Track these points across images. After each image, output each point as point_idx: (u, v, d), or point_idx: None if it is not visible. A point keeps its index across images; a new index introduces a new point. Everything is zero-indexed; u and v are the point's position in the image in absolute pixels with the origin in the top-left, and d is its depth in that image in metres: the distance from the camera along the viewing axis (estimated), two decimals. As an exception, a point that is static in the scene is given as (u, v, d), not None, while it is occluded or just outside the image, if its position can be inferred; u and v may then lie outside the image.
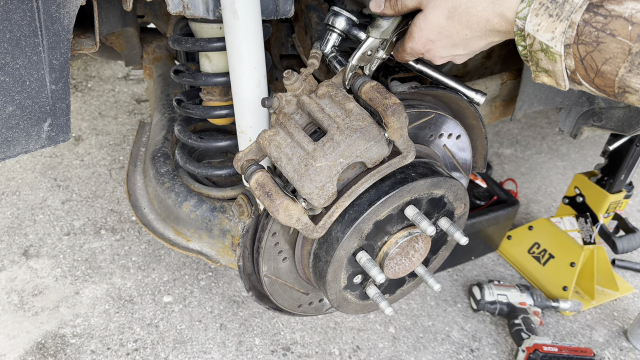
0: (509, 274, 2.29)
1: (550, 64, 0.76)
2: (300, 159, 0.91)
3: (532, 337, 1.83)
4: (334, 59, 1.10)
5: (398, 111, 0.91)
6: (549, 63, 0.76)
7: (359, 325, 1.97)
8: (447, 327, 2.01)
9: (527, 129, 3.45)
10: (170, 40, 1.25)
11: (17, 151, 0.93)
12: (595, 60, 0.71)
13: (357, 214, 0.98)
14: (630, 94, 0.71)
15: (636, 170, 2.07)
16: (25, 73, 0.87)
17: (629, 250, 2.09)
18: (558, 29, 0.72)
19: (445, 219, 1.10)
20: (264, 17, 1.02)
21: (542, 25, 0.74)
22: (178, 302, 1.99)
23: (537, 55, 0.77)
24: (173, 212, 1.34)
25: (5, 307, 1.90)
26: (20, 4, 0.81)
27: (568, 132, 1.57)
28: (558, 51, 0.74)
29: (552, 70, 0.77)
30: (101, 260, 2.13)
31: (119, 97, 3.29)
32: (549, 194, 2.87)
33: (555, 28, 0.73)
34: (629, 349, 1.99)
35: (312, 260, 1.08)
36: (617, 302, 2.20)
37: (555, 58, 0.75)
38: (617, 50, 0.68)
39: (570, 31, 0.71)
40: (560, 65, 0.75)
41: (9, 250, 2.14)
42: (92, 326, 1.86)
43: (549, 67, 0.77)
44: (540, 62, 0.77)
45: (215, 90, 1.31)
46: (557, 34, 0.73)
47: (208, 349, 1.82)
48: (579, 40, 0.71)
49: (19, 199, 2.41)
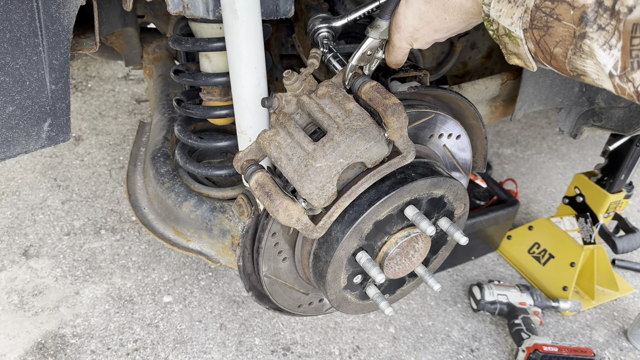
0: (509, 274, 2.29)
1: (515, 48, 0.79)
2: (300, 159, 0.91)
3: (532, 337, 1.83)
4: (334, 58, 1.10)
5: (398, 111, 0.91)
6: (514, 47, 0.79)
7: (359, 325, 1.97)
8: (447, 327, 2.01)
9: (527, 129, 3.45)
10: (170, 40, 1.25)
11: (17, 151, 0.93)
12: (547, 44, 0.73)
13: (357, 214, 0.98)
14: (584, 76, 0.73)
15: (636, 170, 2.07)
16: (25, 73, 0.87)
17: (629, 250, 2.09)
18: (516, 14, 0.75)
19: (445, 219, 1.10)
20: (264, 17, 1.02)
21: (503, 10, 0.76)
22: (178, 302, 1.99)
23: (504, 40, 0.80)
24: (173, 212, 1.34)
25: (5, 307, 1.90)
26: (20, 4, 0.81)
27: (568, 132, 1.57)
28: (519, 35, 0.76)
29: (518, 53, 0.80)
30: (101, 260, 2.13)
31: (119, 97, 3.29)
32: (549, 194, 2.87)
33: (513, 14, 0.75)
34: (629, 349, 1.99)
35: (312, 260, 1.08)
36: (617, 302, 2.20)
37: (518, 42, 0.77)
38: (565, 33, 0.70)
39: (526, 16, 0.74)
40: (523, 49, 0.78)
41: (9, 250, 2.14)
42: (92, 326, 1.86)
43: (515, 50, 0.80)
44: (507, 45, 0.80)
45: (215, 90, 1.31)
46: (515, 19, 0.75)
47: (208, 349, 1.82)
48: (533, 25, 0.74)
49: (19, 199, 2.41)
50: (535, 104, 1.46)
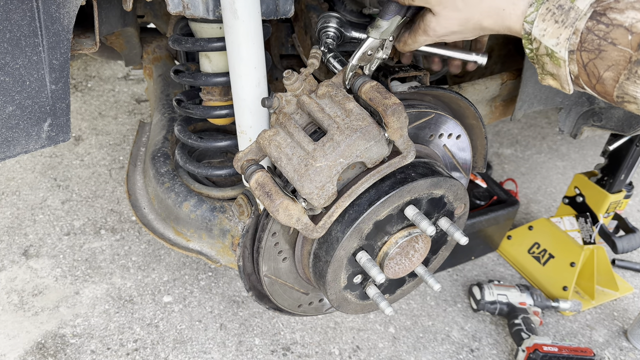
0: (509, 274, 2.29)
1: (555, 68, 0.78)
2: (300, 159, 0.91)
3: (532, 337, 1.83)
4: (334, 58, 1.10)
5: (398, 111, 0.91)
6: (553, 67, 0.78)
7: (359, 325, 1.97)
8: (447, 327, 2.01)
9: (527, 129, 3.45)
10: (170, 40, 1.25)
11: (17, 151, 0.93)
12: (597, 67, 0.72)
13: (357, 214, 0.98)
14: (629, 103, 0.73)
15: (636, 170, 2.07)
16: (25, 73, 0.87)
17: (629, 250, 2.09)
18: (563, 35, 0.74)
19: (445, 219, 1.10)
20: (264, 17, 1.02)
21: (548, 30, 0.75)
22: (178, 302, 1.99)
23: (543, 59, 0.79)
24: (173, 212, 1.34)
25: (5, 307, 1.90)
26: (20, 4, 0.81)
27: (568, 132, 1.57)
28: (562, 57, 0.75)
29: (556, 74, 0.79)
30: (101, 260, 2.13)
31: (119, 97, 3.29)
32: (549, 194, 2.87)
33: (560, 34, 0.74)
34: (629, 349, 1.99)
35: (312, 260, 1.08)
36: (617, 302, 2.20)
37: (560, 63, 0.76)
38: (619, 58, 0.69)
39: (574, 38, 0.73)
40: (564, 70, 0.77)
41: (9, 250, 2.14)
42: (92, 326, 1.86)
43: (554, 71, 0.79)
44: (546, 65, 0.79)
45: (215, 90, 1.31)
46: (562, 40, 0.74)
47: (208, 349, 1.82)
48: (582, 47, 0.72)
49: (19, 199, 2.41)
50: (535, 104, 1.46)
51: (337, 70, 1.10)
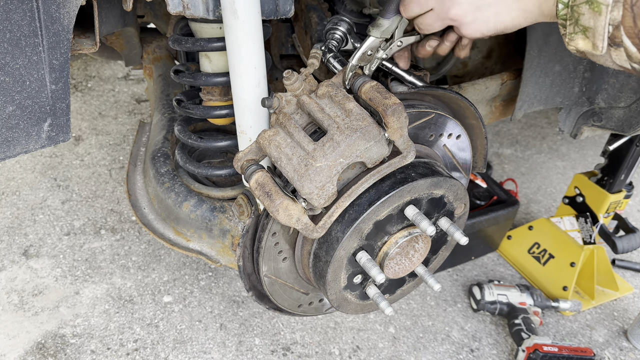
0: (509, 274, 2.29)
1: (592, 19, 0.71)
2: (300, 159, 0.91)
3: (532, 337, 1.83)
4: (334, 58, 1.10)
5: (398, 111, 0.91)
6: (591, 17, 0.71)
7: (359, 325, 1.97)
8: (447, 327, 2.01)
9: (527, 129, 3.45)
10: (170, 40, 1.25)
11: (17, 151, 0.93)
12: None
13: (357, 214, 0.98)
14: None
15: (636, 170, 2.07)
16: (25, 73, 0.87)
17: (629, 250, 2.09)
18: None
19: (445, 219, 1.10)
20: (264, 17, 1.02)
21: None
22: (178, 302, 1.99)
23: (580, 10, 0.72)
24: (173, 212, 1.34)
25: (5, 307, 1.90)
26: (20, 4, 0.81)
27: (568, 132, 1.57)
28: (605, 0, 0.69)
29: (592, 27, 0.72)
30: (101, 260, 2.13)
31: (119, 97, 3.29)
32: (549, 194, 2.87)
33: None
34: (629, 349, 1.99)
35: (312, 260, 1.08)
36: (617, 302, 2.20)
37: (601, 9, 0.69)
38: None
39: None
40: (603, 20, 0.70)
41: (9, 250, 2.14)
42: (92, 326, 1.86)
43: (590, 24, 0.72)
44: (582, 17, 0.72)
45: (215, 90, 1.31)
46: None
47: (208, 349, 1.82)
48: None
49: (19, 199, 2.41)
50: (535, 104, 1.46)
51: (337, 70, 1.10)
